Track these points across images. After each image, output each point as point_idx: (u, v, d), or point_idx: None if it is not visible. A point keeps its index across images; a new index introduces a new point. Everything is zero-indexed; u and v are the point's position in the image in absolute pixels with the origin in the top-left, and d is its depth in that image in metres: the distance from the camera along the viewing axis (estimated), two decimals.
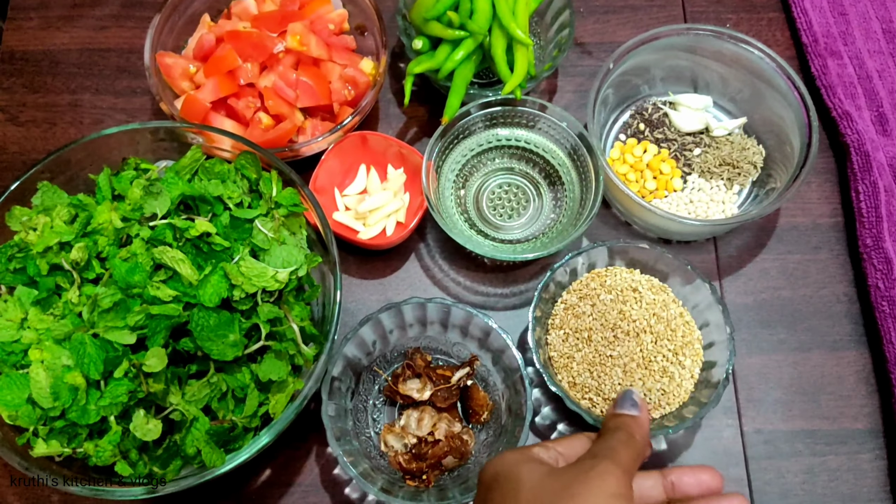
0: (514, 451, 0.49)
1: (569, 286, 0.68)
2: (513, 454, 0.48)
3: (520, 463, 0.47)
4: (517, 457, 0.48)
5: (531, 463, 0.47)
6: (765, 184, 0.74)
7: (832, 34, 0.81)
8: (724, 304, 0.64)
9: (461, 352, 0.68)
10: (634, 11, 0.83)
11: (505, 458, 0.48)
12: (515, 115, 0.73)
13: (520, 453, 0.48)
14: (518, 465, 0.47)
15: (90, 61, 0.80)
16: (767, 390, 0.69)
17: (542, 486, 0.45)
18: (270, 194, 0.63)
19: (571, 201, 0.73)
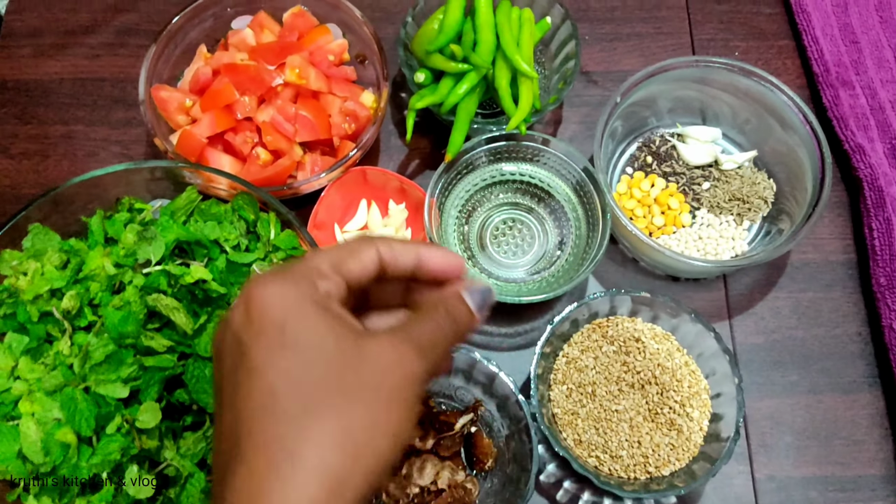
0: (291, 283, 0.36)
1: (570, 338, 0.66)
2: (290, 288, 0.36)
3: (301, 310, 0.36)
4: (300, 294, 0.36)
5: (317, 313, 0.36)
6: (776, 219, 0.72)
7: (844, 63, 0.79)
8: (732, 354, 0.62)
9: (465, 396, 0.66)
10: (641, 39, 0.81)
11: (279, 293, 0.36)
12: (520, 150, 0.71)
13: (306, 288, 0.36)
14: (299, 315, 0.36)
15: (84, 91, 0.78)
16: (780, 435, 0.67)
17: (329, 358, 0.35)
18: (268, 237, 0.61)
19: (578, 238, 0.71)
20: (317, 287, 0.37)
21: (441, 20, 0.69)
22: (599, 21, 0.82)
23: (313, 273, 0.37)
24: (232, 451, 0.34)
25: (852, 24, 0.81)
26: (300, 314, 0.35)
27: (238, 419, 0.34)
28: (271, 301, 0.35)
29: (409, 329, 0.38)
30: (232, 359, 0.36)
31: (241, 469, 0.33)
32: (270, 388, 0.34)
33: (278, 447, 0.33)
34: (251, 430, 0.34)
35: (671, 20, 0.82)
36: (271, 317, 0.35)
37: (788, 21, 0.83)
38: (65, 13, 0.81)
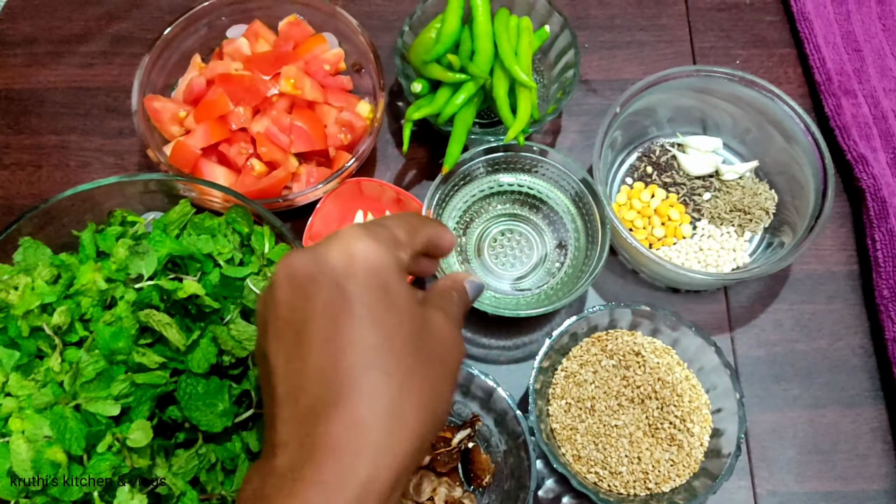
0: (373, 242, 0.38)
1: (569, 352, 0.65)
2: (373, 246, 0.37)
3: (395, 274, 0.38)
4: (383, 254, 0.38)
5: (404, 281, 0.39)
6: (778, 231, 0.71)
7: (846, 72, 0.78)
8: (733, 368, 0.61)
9: (462, 410, 0.66)
10: (641, 47, 0.81)
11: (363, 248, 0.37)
12: (518, 160, 0.70)
13: (386, 252, 0.38)
14: (394, 278, 0.38)
15: (77, 100, 0.77)
16: (781, 449, 0.66)
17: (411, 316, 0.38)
18: (262, 251, 0.61)
19: (577, 250, 0.70)
20: (400, 255, 0.39)
21: (438, 29, 0.68)
22: (599, 29, 0.81)
23: (396, 241, 0.40)
24: (328, 399, 0.35)
25: (855, 32, 0.80)
26: (396, 279, 0.38)
27: (338, 365, 0.36)
28: (376, 261, 0.37)
29: (445, 307, 0.42)
30: (329, 301, 0.37)
31: (343, 415, 0.35)
32: (377, 345, 0.36)
33: (386, 406, 0.35)
34: (358, 380, 0.35)
35: (671, 28, 0.81)
36: (373, 274, 0.37)
37: (790, 29, 0.82)
38: (58, 21, 0.80)
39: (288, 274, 0.38)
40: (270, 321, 0.39)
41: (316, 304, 0.37)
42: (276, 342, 0.39)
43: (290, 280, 0.38)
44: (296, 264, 0.38)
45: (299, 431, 0.36)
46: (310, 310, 0.37)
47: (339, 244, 0.37)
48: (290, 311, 0.38)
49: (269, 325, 0.39)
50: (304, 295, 0.37)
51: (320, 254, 0.38)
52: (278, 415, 0.38)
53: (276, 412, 0.38)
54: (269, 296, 0.40)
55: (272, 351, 0.39)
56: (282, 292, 0.38)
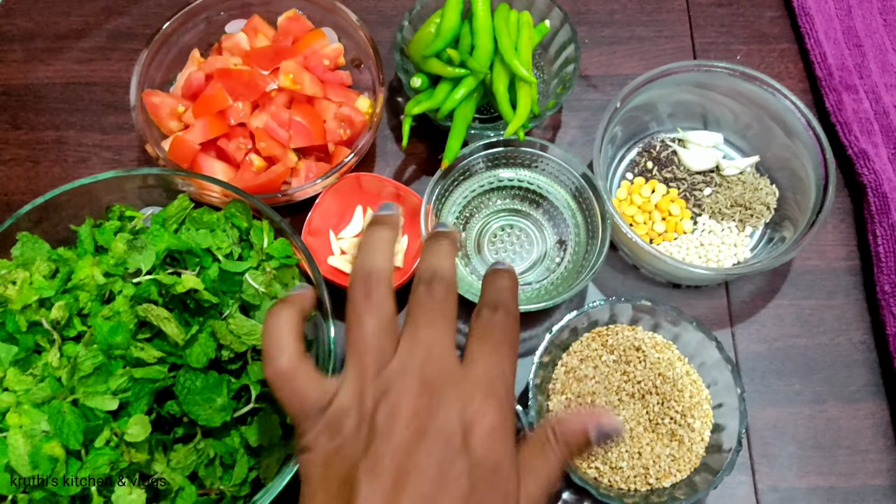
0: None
1: (569, 347, 0.65)
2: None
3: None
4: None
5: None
6: (778, 226, 0.71)
7: (847, 67, 0.78)
8: (734, 364, 0.61)
9: None
10: (641, 42, 0.80)
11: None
12: (518, 156, 0.70)
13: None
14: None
15: (75, 96, 0.77)
16: (782, 445, 0.66)
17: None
18: (261, 246, 0.60)
19: (577, 245, 0.70)
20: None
21: (438, 24, 0.68)
22: (599, 24, 0.81)
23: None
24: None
25: (856, 27, 0.80)
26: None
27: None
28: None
29: (541, 474, 0.40)
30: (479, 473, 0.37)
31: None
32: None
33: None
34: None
35: (672, 24, 0.81)
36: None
37: (791, 24, 0.82)
38: (56, 17, 0.80)
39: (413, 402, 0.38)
40: (372, 449, 0.37)
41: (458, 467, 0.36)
42: (370, 473, 0.36)
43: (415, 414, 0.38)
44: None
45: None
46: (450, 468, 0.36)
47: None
48: (407, 450, 0.37)
49: (367, 451, 0.37)
50: (448, 445, 0.37)
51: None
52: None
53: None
54: (383, 411, 0.38)
55: (359, 475, 0.36)
56: (404, 412, 0.38)
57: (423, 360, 0.39)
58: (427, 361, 0.39)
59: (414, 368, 0.39)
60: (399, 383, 0.38)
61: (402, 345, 0.40)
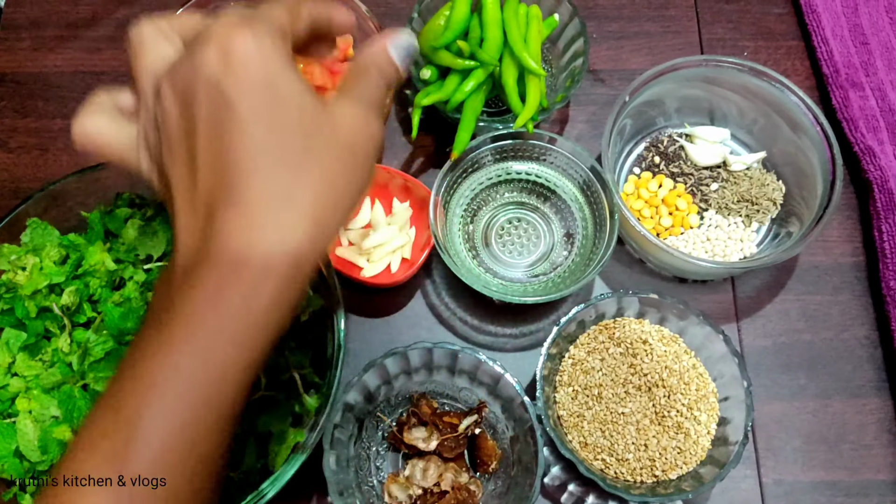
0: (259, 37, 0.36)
1: (576, 340, 0.65)
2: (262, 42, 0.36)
3: (280, 66, 0.36)
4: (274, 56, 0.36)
5: (292, 71, 0.37)
6: (785, 221, 0.71)
7: (854, 65, 0.78)
8: (741, 357, 0.61)
9: (469, 397, 0.65)
10: (649, 38, 0.81)
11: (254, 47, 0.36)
12: (526, 148, 0.70)
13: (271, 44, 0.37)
14: (279, 70, 0.36)
15: (84, 84, 0.77)
16: (787, 439, 0.67)
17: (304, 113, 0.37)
18: None
19: (584, 238, 0.70)
20: (283, 43, 0.38)
21: (447, 16, 0.68)
22: (607, 19, 0.81)
23: (275, 27, 0.37)
24: (220, 194, 0.36)
25: (862, 25, 0.80)
26: (280, 71, 0.36)
27: (228, 166, 0.36)
28: (252, 54, 0.36)
29: (354, 91, 0.41)
30: (211, 108, 0.36)
31: (237, 210, 0.36)
32: (264, 138, 0.36)
33: (276, 191, 0.36)
34: (248, 177, 0.36)
35: (679, 19, 0.81)
36: (254, 70, 0.36)
37: (798, 21, 0.82)
38: (65, 5, 0.80)
39: (171, 85, 0.37)
40: (164, 139, 0.38)
41: (200, 112, 0.36)
42: (171, 156, 0.38)
43: (174, 91, 0.37)
44: (177, 74, 0.37)
45: (195, 233, 0.37)
46: (196, 118, 0.36)
47: (213, 43, 0.36)
48: (179, 123, 0.37)
49: (162, 143, 0.38)
50: (188, 104, 0.37)
51: (197, 57, 0.36)
52: (177, 224, 0.38)
53: (175, 223, 0.38)
54: (159, 112, 0.38)
55: (168, 166, 0.38)
56: (169, 105, 0.37)
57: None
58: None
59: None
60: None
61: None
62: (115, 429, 0.35)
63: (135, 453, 0.34)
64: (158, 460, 0.34)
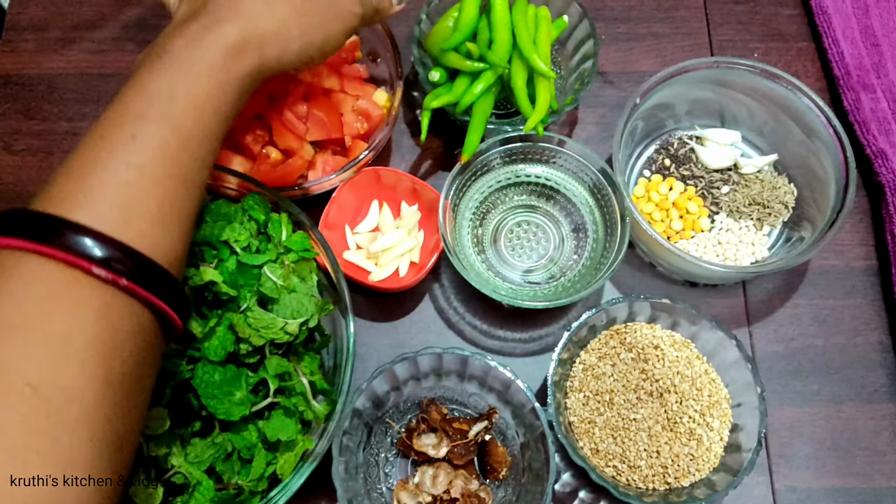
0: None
1: (587, 345, 0.64)
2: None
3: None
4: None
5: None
6: (797, 225, 0.71)
7: (865, 66, 0.77)
8: (754, 363, 0.60)
9: (479, 403, 0.65)
10: (658, 39, 0.80)
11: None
12: (536, 151, 0.70)
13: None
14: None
15: (89, 87, 0.76)
16: (800, 445, 0.66)
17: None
18: (280, 239, 0.60)
19: (595, 242, 0.69)
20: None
21: (456, 18, 0.67)
22: (616, 21, 0.81)
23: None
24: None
25: (873, 26, 0.80)
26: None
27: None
28: None
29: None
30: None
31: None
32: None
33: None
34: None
35: (689, 21, 0.81)
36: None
37: (808, 23, 0.81)
38: (69, 7, 0.79)
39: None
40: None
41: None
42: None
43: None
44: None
45: (194, 7, 0.50)
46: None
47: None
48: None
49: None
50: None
51: None
52: (183, 3, 0.52)
53: (181, 4, 0.52)
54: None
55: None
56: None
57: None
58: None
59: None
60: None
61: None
62: (119, 127, 0.44)
63: (139, 140, 0.44)
64: (158, 148, 0.44)
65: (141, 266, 0.41)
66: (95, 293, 0.40)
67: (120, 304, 0.41)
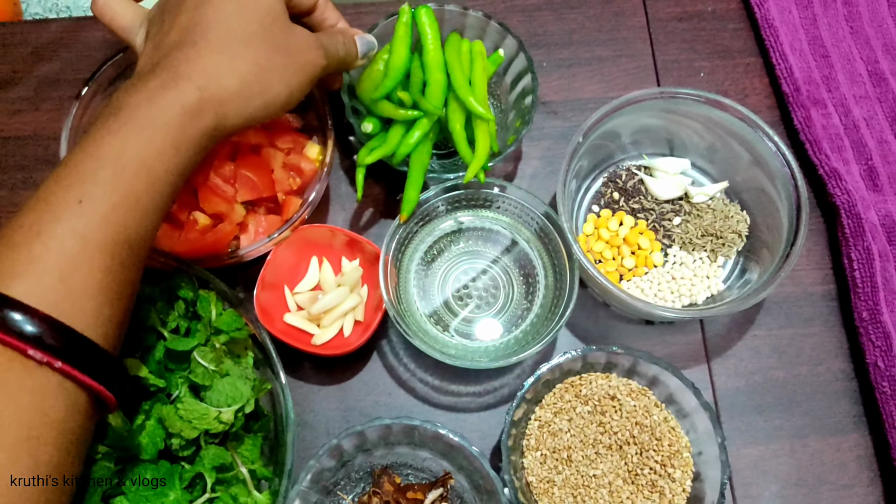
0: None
1: (542, 400, 0.62)
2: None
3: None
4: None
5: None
6: (751, 253, 0.68)
7: (814, 80, 0.75)
8: (712, 410, 0.58)
9: (434, 466, 0.62)
10: (602, 63, 0.77)
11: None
12: (479, 197, 0.67)
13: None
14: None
15: (5, 151, 0.72)
16: (765, 484, 0.64)
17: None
18: (209, 318, 0.57)
19: (546, 288, 0.67)
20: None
21: (386, 61, 0.64)
22: (557, 46, 0.77)
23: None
24: (180, 40, 0.50)
25: (822, 37, 0.77)
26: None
27: (198, 20, 0.50)
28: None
29: (323, 38, 0.57)
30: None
31: (188, 50, 0.49)
32: (231, 17, 0.50)
33: (224, 50, 0.50)
34: (208, 29, 0.50)
35: (632, 41, 0.78)
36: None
37: (755, 37, 0.78)
38: None
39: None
40: (158, 13, 0.53)
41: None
42: (158, 18, 0.53)
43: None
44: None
45: (155, 60, 0.49)
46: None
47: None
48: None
49: (156, 16, 0.53)
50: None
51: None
52: (140, 58, 0.52)
53: (139, 58, 0.52)
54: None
55: (155, 18, 0.53)
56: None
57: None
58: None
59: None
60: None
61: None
62: (66, 190, 0.43)
63: (86, 205, 0.42)
64: (106, 214, 0.43)
65: (77, 345, 0.40)
66: (29, 376, 0.39)
67: (53, 386, 0.40)
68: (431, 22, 0.65)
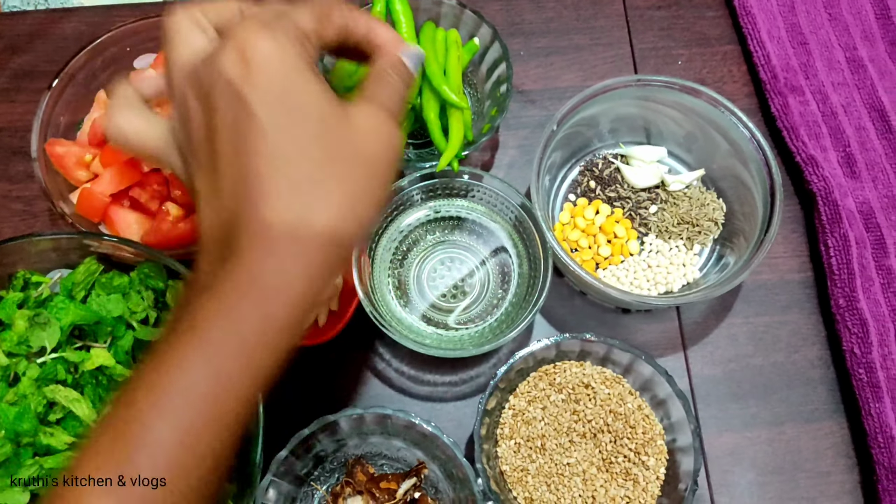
0: (282, 44, 0.37)
1: (516, 389, 0.62)
2: (283, 49, 0.37)
3: (300, 73, 0.37)
4: (292, 61, 0.37)
5: (312, 77, 0.38)
6: (728, 241, 0.68)
7: (792, 67, 0.75)
8: (686, 398, 0.58)
9: (407, 456, 0.62)
10: (579, 52, 0.77)
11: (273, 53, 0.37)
12: (454, 186, 0.67)
13: (292, 50, 0.37)
14: (298, 77, 0.37)
15: None
16: (742, 472, 0.64)
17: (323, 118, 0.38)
18: None
19: (520, 277, 0.66)
20: (306, 48, 0.38)
21: None
22: (534, 35, 0.77)
23: (301, 33, 0.38)
24: (239, 208, 0.37)
25: (800, 24, 0.77)
26: (300, 78, 0.37)
27: (246, 178, 0.36)
28: (272, 60, 0.36)
29: (377, 96, 0.41)
30: (231, 114, 0.36)
31: (251, 225, 0.36)
32: (283, 153, 0.36)
33: (294, 209, 0.36)
34: (264, 189, 0.36)
35: (610, 29, 0.77)
36: (273, 77, 0.36)
37: (733, 24, 0.78)
38: None
39: (192, 87, 0.38)
40: (187, 140, 0.40)
41: (221, 117, 0.37)
42: (195, 160, 0.39)
43: (196, 94, 0.38)
44: (199, 76, 0.38)
45: (218, 250, 0.38)
46: (217, 124, 0.37)
47: (233, 47, 0.36)
48: (201, 126, 0.38)
49: (185, 143, 0.40)
50: (210, 109, 0.37)
51: (217, 61, 0.37)
52: (203, 243, 0.40)
53: (201, 227, 0.40)
54: (184, 112, 0.39)
55: (193, 169, 0.40)
56: (192, 106, 0.38)
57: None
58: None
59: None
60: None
61: None
62: (121, 433, 0.35)
63: (137, 455, 0.34)
64: (160, 464, 0.34)
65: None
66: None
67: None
68: (406, 11, 0.65)
